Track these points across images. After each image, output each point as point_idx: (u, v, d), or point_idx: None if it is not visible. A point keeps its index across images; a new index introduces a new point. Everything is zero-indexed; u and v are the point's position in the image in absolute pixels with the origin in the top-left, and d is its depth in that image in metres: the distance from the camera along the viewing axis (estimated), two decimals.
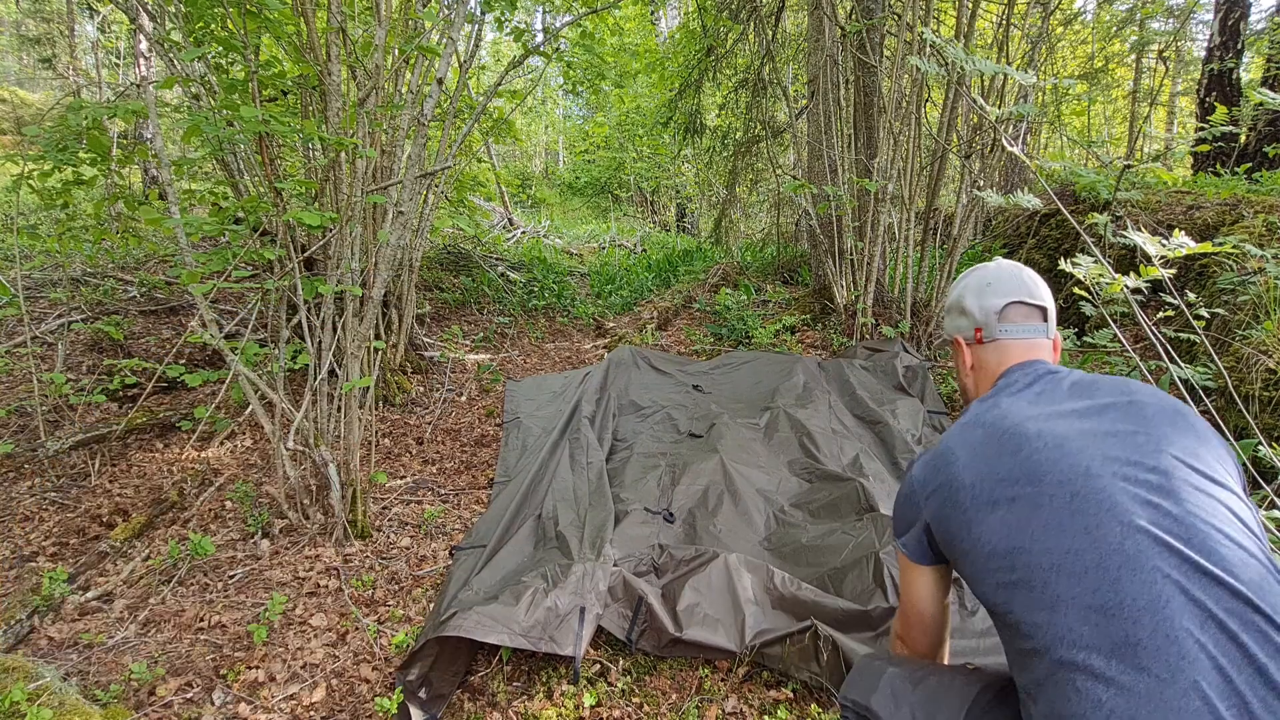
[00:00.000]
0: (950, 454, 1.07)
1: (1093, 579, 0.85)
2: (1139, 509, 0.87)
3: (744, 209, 10.75)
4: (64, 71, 11.60)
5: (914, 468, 1.16)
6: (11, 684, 1.65)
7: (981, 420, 1.08)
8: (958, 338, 1.30)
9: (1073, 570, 0.86)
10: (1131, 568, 0.83)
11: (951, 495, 1.03)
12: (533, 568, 2.17)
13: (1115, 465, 0.91)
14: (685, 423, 3.45)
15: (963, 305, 1.28)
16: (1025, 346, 1.21)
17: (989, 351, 1.24)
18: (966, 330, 1.27)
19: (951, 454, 1.06)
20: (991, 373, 1.22)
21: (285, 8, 2.39)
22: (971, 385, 1.27)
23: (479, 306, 6.10)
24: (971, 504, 0.99)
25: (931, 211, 4.50)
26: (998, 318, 1.22)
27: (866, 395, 3.58)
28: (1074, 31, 9.58)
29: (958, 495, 1.02)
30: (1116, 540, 0.85)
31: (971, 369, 1.27)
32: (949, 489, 1.04)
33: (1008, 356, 1.21)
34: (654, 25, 13.29)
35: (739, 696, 1.87)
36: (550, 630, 1.85)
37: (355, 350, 2.54)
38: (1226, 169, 6.24)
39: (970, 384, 1.28)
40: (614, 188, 17.92)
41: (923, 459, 1.15)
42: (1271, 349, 2.82)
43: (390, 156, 3.54)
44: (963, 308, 1.28)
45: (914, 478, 1.14)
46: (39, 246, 4.60)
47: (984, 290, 1.25)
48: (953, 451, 1.07)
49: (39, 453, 2.93)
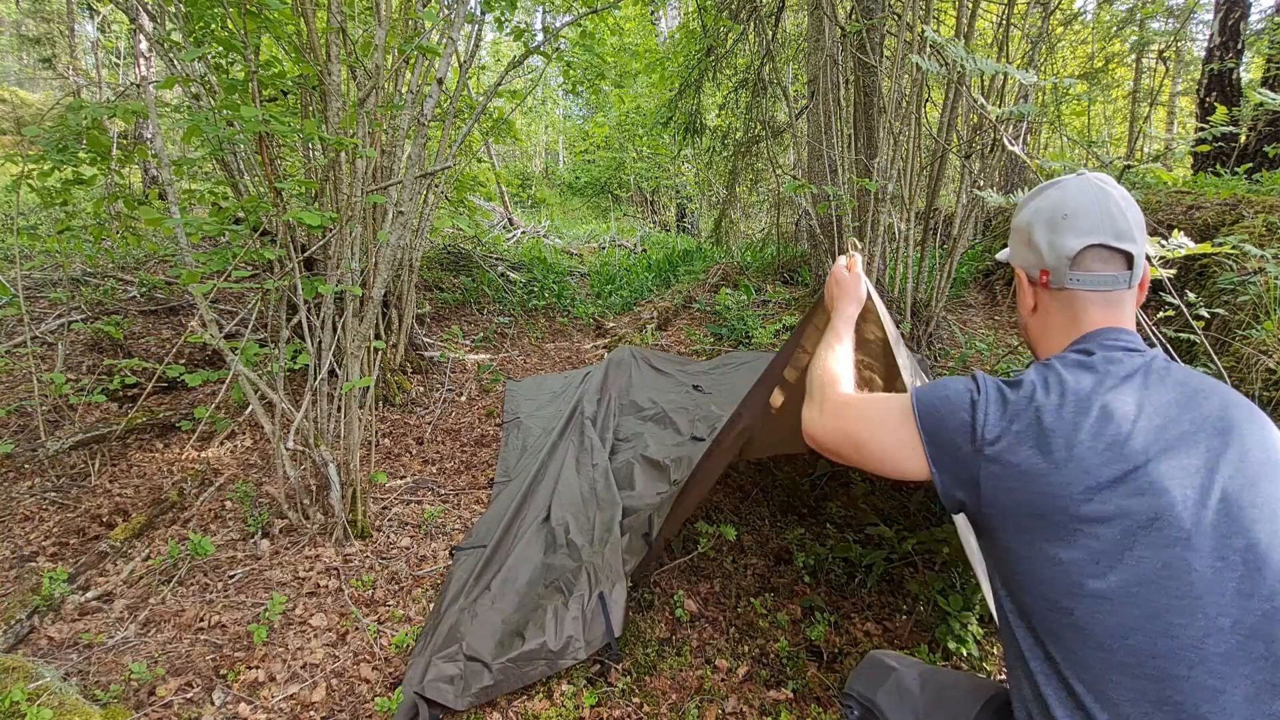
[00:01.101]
0: (1046, 429, 0.89)
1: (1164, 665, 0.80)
2: (1237, 610, 0.80)
3: (744, 209, 10.75)
4: (64, 71, 11.60)
5: (986, 395, 0.95)
6: (11, 684, 1.65)
7: (1084, 406, 0.90)
8: (1019, 270, 1.10)
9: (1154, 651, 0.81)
10: (1210, 671, 0.79)
11: (1039, 482, 0.88)
12: (544, 578, 2.19)
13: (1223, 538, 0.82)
14: (686, 425, 3.45)
15: (1030, 236, 1.05)
16: (1104, 301, 1.00)
17: (1057, 300, 1.03)
18: (1031, 267, 1.06)
19: (1048, 431, 0.89)
20: (1061, 329, 1.03)
21: (285, 8, 2.39)
22: (1037, 331, 1.08)
23: (479, 306, 6.10)
24: (1067, 508, 0.86)
25: (931, 211, 4.50)
26: (1070, 263, 1.00)
27: None
28: (1074, 31, 9.58)
29: (1048, 487, 0.87)
30: (1199, 636, 0.80)
31: (1034, 311, 1.08)
32: (1037, 475, 0.88)
33: (1084, 314, 1.01)
34: (654, 25, 13.29)
35: (739, 697, 1.87)
36: (582, 634, 1.88)
37: (355, 350, 2.54)
38: (1226, 169, 6.24)
39: (1035, 329, 1.09)
40: (614, 188, 17.92)
41: (994, 393, 0.95)
42: (1271, 349, 2.82)
43: (390, 156, 3.54)
44: (1029, 239, 1.05)
45: (987, 417, 0.93)
46: (39, 246, 4.60)
47: (1058, 223, 1.01)
48: (1050, 430, 0.89)
49: (39, 453, 2.92)
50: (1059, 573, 0.86)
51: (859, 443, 1.06)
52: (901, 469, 1.02)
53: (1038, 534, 0.88)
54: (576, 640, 1.87)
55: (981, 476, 0.92)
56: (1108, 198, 1.00)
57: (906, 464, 1.01)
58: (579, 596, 1.97)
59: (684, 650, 2.06)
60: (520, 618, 2.02)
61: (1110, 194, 1.00)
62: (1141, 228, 1.00)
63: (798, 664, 2.01)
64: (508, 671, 1.80)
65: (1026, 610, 0.90)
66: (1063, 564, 0.85)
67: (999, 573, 0.96)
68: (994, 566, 0.97)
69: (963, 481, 0.94)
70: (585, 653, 1.86)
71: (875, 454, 1.04)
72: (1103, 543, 0.84)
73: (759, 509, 2.84)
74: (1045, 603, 0.87)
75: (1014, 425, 0.91)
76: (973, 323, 5.23)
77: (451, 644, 1.89)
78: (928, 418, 0.99)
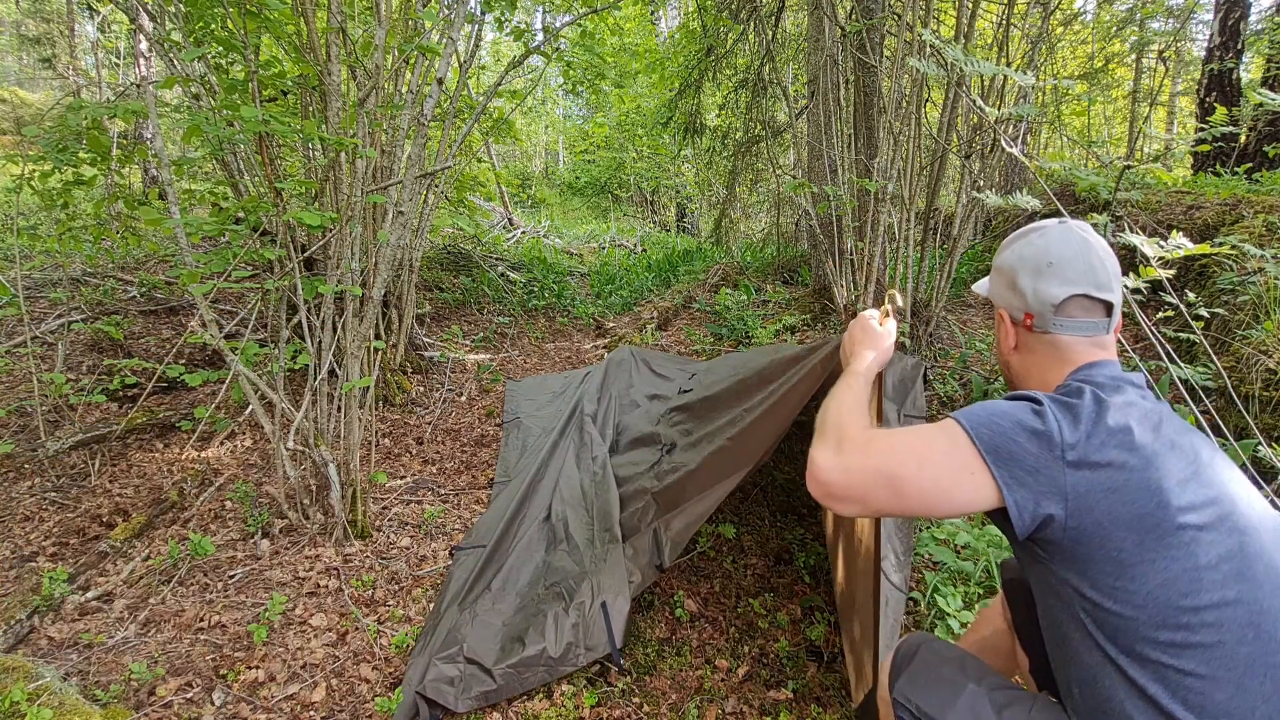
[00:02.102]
0: (1120, 427, 0.87)
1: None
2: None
3: (744, 209, 10.75)
4: (64, 71, 11.60)
5: (1048, 403, 0.91)
6: (11, 684, 1.65)
7: (1130, 409, 0.90)
8: (1001, 311, 1.11)
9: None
10: None
11: (1137, 478, 0.85)
12: (545, 578, 2.20)
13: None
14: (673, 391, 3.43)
15: (1014, 280, 1.07)
16: (1087, 344, 1.03)
17: (1039, 343, 1.05)
18: (1014, 309, 1.08)
19: (1123, 429, 0.87)
20: (1049, 367, 1.04)
21: (285, 8, 2.39)
22: (1020, 369, 1.09)
23: (479, 306, 6.10)
24: (1168, 505, 0.84)
25: (931, 211, 4.50)
26: (1054, 310, 1.02)
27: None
28: (1074, 31, 9.58)
29: (1146, 483, 0.84)
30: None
31: (1015, 349, 1.09)
32: (1134, 471, 0.85)
33: (1070, 353, 1.03)
34: (654, 25, 13.28)
35: (739, 697, 1.88)
36: (582, 642, 1.88)
37: (355, 350, 2.54)
38: (1226, 169, 6.24)
39: (1018, 366, 1.09)
40: (614, 188, 17.92)
41: (1053, 401, 0.91)
42: (1271, 349, 2.82)
43: (390, 156, 3.54)
44: (1014, 282, 1.07)
45: (1060, 422, 0.89)
46: (39, 246, 4.59)
47: (1042, 271, 1.03)
48: (1124, 428, 0.87)
49: (39, 453, 2.93)
50: (1170, 577, 0.83)
51: (896, 479, 0.91)
52: (955, 501, 0.90)
53: (1143, 539, 0.84)
54: (577, 647, 1.87)
55: (1069, 485, 0.86)
56: (1090, 249, 1.03)
57: (963, 494, 0.89)
58: (580, 604, 1.96)
59: (684, 650, 2.06)
60: (521, 620, 2.02)
61: (1092, 245, 1.03)
62: (1119, 278, 1.04)
63: (798, 664, 2.01)
64: (508, 677, 1.81)
65: (1129, 632, 0.85)
66: (1171, 569, 0.83)
67: (1083, 599, 0.89)
68: (1074, 594, 0.90)
69: (1047, 497, 0.87)
70: (585, 660, 1.86)
71: (920, 490, 0.90)
72: (1204, 544, 0.83)
73: (759, 509, 2.84)
74: (1155, 618, 0.83)
75: (1089, 427, 0.88)
76: (973, 323, 5.23)
77: (452, 645, 1.89)
78: (989, 436, 0.90)
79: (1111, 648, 0.87)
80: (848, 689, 1.87)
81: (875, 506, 0.94)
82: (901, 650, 1.16)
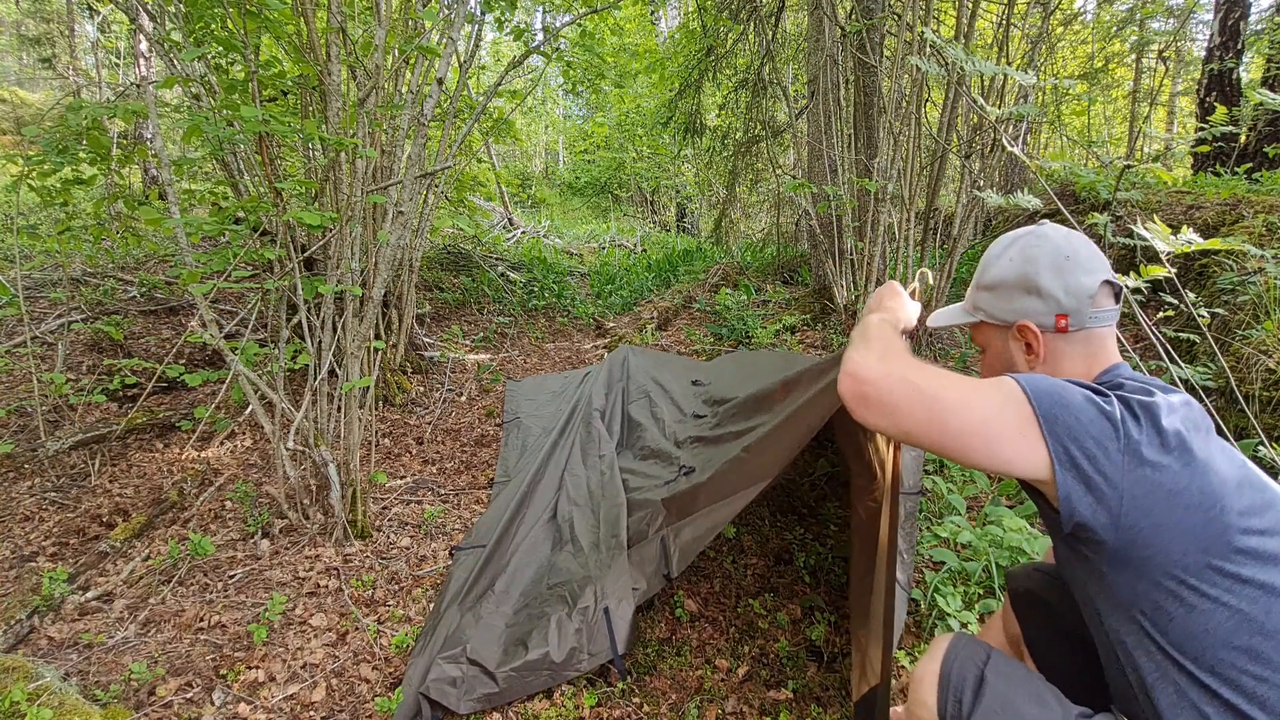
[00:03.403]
0: (1174, 431, 0.81)
1: None
2: None
3: (744, 209, 10.75)
4: (64, 71, 11.60)
5: (1108, 396, 0.85)
6: (11, 684, 1.65)
7: (1175, 409, 0.84)
8: (1024, 324, 1.01)
9: None
10: None
11: (1199, 482, 0.80)
12: (549, 578, 2.19)
13: None
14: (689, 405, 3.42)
15: (1035, 285, 0.99)
16: (1111, 334, 0.99)
17: (1074, 344, 0.98)
18: (1042, 315, 0.99)
19: (1176, 433, 0.81)
20: (1076, 372, 0.97)
21: (285, 8, 2.39)
22: None
23: (479, 306, 6.10)
24: (1227, 512, 0.80)
25: (931, 211, 4.50)
26: (1091, 302, 0.96)
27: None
28: (1074, 31, 9.58)
29: (1207, 488, 0.80)
30: None
31: (1042, 362, 1.00)
32: (1195, 474, 0.80)
33: (1100, 350, 0.98)
34: (654, 25, 13.29)
35: (739, 697, 1.87)
36: (585, 648, 1.88)
37: (355, 350, 2.54)
38: (1226, 169, 6.24)
39: None
40: (614, 188, 17.92)
41: (1109, 394, 0.85)
42: (1271, 349, 2.82)
43: (390, 156, 3.54)
44: (1036, 287, 0.99)
45: (1124, 416, 0.82)
46: (39, 246, 4.59)
47: (1063, 266, 0.98)
48: (1176, 431, 0.81)
49: (39, 453, 2.92)
50: (1232, 596, 0.80)
51: (939, 404, 0.83)
52: (997, 454, 0.82)
53: (1203, 547, 0.80)
54: (580, 652, 1.87)
55: (1129, 483, 0.79)
56: (1087, 239, 1.01)
57: (1006, 450, 0.82)
58: (583, 609, 1.95)
59: (684, 650, 2.06)
60: (524, 622, 2.02)
61: (1084, 236, 1.02)
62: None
63: (798, 664, 2.01)
64: (511, 680, 1.80)
65: (1198, 638, 0.82)
66: (1235, 584, 0.80)
67: (1140, 603, 0.84)
68: (1131, 597, 0.85)
69: (1098, 490, 0.80)
70: (589, 665, 1.86)
71: (960, 426, 0.82)
72: (1266, 553, 0.80)
73: (759, 509, 2.84)
74: (1220, 630, 0.80)
75: (1150, 426, 0.82)
76: None
77: (454, 646, 1.89)
78: (1051, 405, 0.82)
79: (1177, 653, 0.83)
80: (848, 689, 1.87)
81: (904, 425, 0.85)
82: (955, 674, 0.97)
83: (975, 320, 1.08)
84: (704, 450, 2.65)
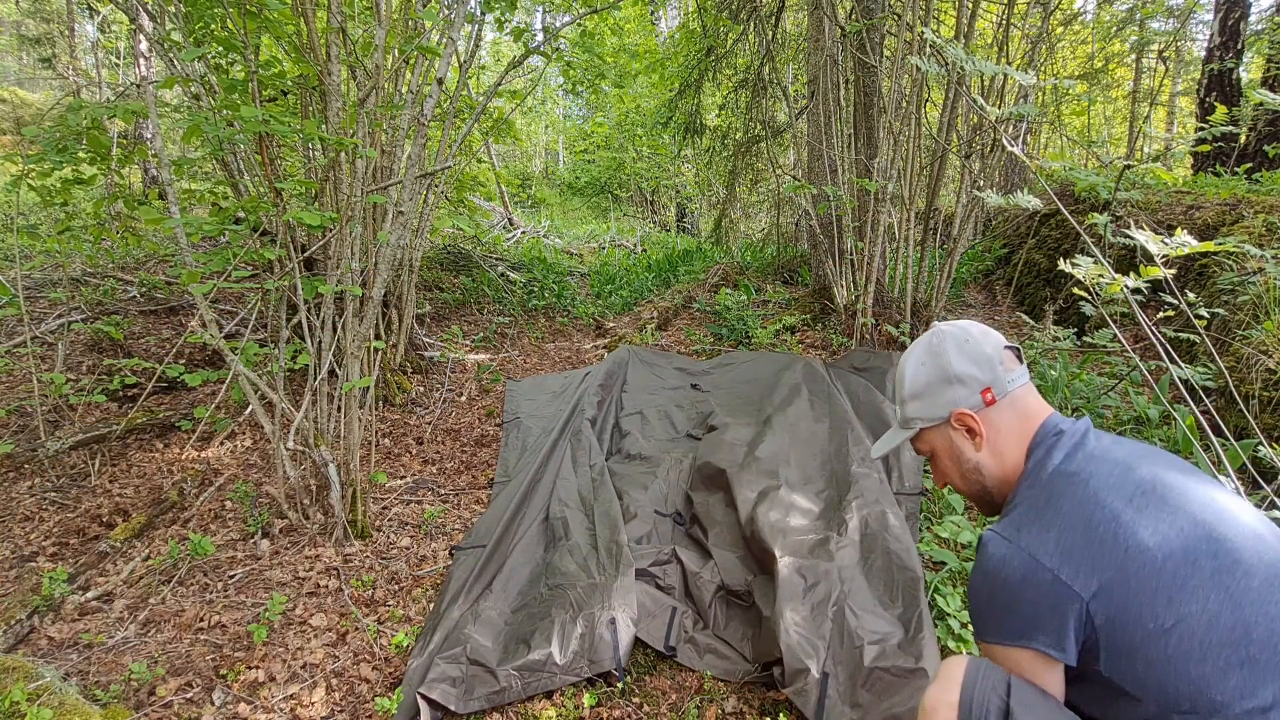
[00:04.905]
0: (1122, 532, 0.88)
1: None
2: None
3: (744, 209, 10.75)
4: (64, 71, 11.60)
5: (1039, 555, 0.91)
6: (11, 684, 1.65)
7: (1097, 507, 0.90)
8: (959, 412, 1.07)
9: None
10: None
11: (1134, 572, 0.86)
12: (545, 577, 2.20)
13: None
14: (683, 423, 3.44)
15: (949, 374, 1.07)
16: (1033, 392, 1.07)
17: (1004, 412, 1.05)
18: (970, 397, 1.06)
19: (1098, 544, 0.88)
20: (1014, 433, 1.04)
21: (285, 8, 2.39)
22: (993, 462, 1.06)
23: (479, 306, 6.10)
24: (1170, 582, 0.85)
25: (931, 211, 4.50)
26: (1002, 367, 1.05)
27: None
28: (1074, 31, 9.58)
29: (1140, 570, 0.86)
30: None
31: (985, 442, 1.06)
32: (1127, 564, 0.86)
33: (1027, 406, 1.05)
34: (654, 25, 13.29)
35: (739, 697, 1.87)
36: (587, 654, 1.88)
37: (355, 350, 2.54)
38: (1226, 169, 6.24)
39: (990, 460, 1.06)
40: (614, 188, 17.93)
41: (1034, 548, 0.91)
42: (1271, 349, 2.82)
43: (390, 156, 3.54)
44: (951, 376, 1.07)
45: (1041, 563, 0.90)
46: (39, 246, 4.60)
47: (965, 347, 1.07)
48: (1097, 541, 0.89)
49: (39, 453, 2.93)
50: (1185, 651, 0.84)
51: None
52: (1048, 684, 0.92)
53: (1149, 643, 0.85)
54: (581, 658, 1.87)
55: (1096, 614, 0.87)
56: (974, 322, 1.13)
57: (1044, 678, 0.92)
58: (589, 615, 1.95)
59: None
60: (525, 621, 2.02)
61: (970, 321, 1.14)
62: None
63: None
64: (513, 680, 1.81)
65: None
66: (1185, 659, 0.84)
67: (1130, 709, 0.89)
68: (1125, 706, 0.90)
69: (1082, 633, 0.89)
70: (590, 672, 1.86)
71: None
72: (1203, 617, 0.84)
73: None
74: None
75: (1080, 556, 0.89)
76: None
77: (455, 646, 1.89)
78: (1017, 628, 0.91)
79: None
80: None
81: None
82: (977, 705, 0.93)
83: (914, 431, 1.14)
84: (702, 490, 2.70)
